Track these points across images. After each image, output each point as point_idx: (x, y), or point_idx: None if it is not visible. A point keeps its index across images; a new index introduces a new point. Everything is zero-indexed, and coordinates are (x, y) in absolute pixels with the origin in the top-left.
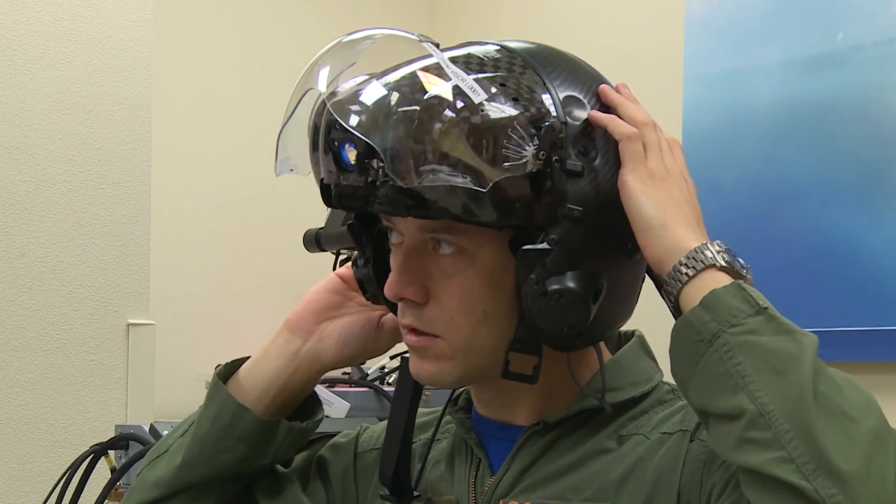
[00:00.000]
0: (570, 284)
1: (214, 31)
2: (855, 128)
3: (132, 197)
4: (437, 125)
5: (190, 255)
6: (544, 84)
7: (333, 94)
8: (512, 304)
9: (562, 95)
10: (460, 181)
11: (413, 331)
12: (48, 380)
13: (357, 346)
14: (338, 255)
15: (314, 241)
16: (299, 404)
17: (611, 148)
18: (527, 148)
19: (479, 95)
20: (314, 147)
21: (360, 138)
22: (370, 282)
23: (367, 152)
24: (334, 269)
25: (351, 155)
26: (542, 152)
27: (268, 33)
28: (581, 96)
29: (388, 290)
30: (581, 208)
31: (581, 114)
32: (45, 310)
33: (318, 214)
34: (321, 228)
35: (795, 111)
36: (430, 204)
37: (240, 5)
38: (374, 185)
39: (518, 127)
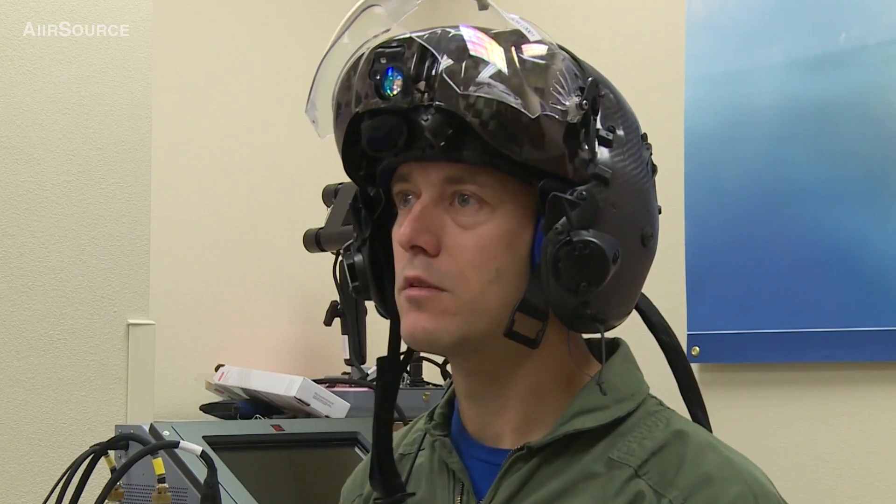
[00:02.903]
0: (594, 239)
1: (215, 32)
2: (858, 128)
3: (132, 197)
4: (495, 49)
5: (190, 255)
6: (577, 62)
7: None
8: (524, 268)
9: (593, 75)
10: (512, 100)
11: (416, 286)
12: (48, 380)
13: None
14: (338, 254)
15: (314, 240)
16: None
17: (632, 138)
18: (570, 98)
19: (534, 35)
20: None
21: (421, 45)
22: (362, 270)
23: (415, 76)
24: (334, 268)
25: (396, 83)
26: (584, 102)
27: (268, 34)
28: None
29: (402, 236)
30: (611, 171)
31: (609, 96)
32: (45, 310)
33: (318, 215)
34: (321, 228)
35: (798, 112)
36: (469, 135)
37: (240, 6)
38: (415, 111)
39: (566, 73)
